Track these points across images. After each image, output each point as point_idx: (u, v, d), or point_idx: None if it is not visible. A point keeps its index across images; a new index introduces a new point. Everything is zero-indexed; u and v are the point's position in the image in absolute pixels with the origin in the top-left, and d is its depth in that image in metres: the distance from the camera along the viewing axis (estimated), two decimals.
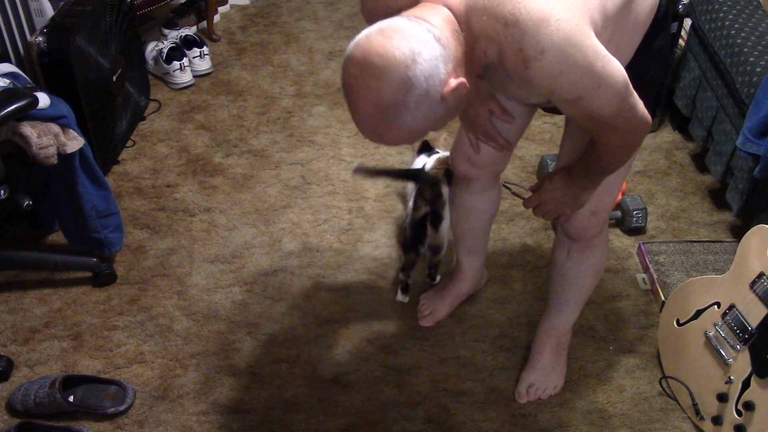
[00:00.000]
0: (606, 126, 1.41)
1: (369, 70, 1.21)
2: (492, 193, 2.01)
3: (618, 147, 1.48)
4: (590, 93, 1.33)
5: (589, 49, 1.28)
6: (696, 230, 2.48)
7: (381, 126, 1.27)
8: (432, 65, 1.22)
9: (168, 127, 2.88)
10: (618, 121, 1.39)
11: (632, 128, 1.44)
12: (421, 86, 1.22)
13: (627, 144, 1.48)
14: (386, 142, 1.32)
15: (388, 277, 2.32)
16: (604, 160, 1.53)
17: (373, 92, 1.22)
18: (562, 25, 1.25)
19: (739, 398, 1.80)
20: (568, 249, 1.85)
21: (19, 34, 2.43)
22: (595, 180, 1.61)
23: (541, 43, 1.25)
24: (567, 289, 1.92)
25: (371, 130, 1.29)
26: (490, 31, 1.28)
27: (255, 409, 1.98)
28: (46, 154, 1.96)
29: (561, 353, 2.03)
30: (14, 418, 1.93)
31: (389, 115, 1.24)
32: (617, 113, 1.38)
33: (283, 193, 2.61)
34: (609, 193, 1.73)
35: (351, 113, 1.29)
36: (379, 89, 1.22)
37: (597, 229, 1.79)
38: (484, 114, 1.78)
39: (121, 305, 2.22)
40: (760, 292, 1.75)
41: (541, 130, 2.85)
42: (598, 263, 1.88)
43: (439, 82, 1.23)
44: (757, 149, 2.15)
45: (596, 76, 1.30)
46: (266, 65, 3.21)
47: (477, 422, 1.95)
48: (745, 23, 2.41)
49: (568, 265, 1.87)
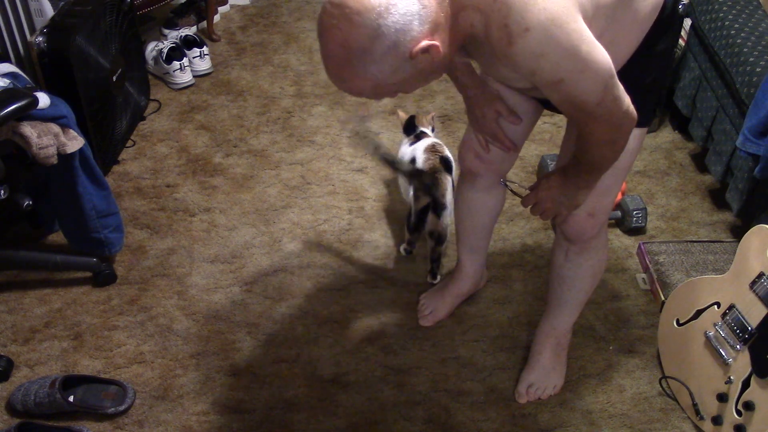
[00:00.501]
0: (589, 115, 1.40)
1: (342, 10, 1.23)
2: (497, 191, 2.01)
3: (601, 139, 1.47)
4: (573, 77, 1.32)
5: (574, 32, 1.28)
6: (696, 230, 2.48)
7: (345, 70, 1.28)
8: (405, 20, 1.23)
9: (168, 127, 2.88)
10: (601, 110, 1.38)
11: (616, 121, 1.42)
12: (389, 37, 1.23)
13: (611, 138, 1.47)
14: (351, 91, 1.32)
15: (388, 277, 2.32)
16: (589, 153, 1.52)
17: (342, 33, 1.24)
18: (549, 5, 1.25)
19: (739, 398, 1.80)
20: (566, 251, 1.84)
21: (19, 34, 2.43)
22: (588, 179, 1.61)
23: (526, 21, 1.25)
24: (566, 290, 1.92)
25: (336, 73, 1.30)
26: (479, 2, 1.28)
27: (255, 409, 1.98)
28: (46, 154, 1.96)
29: (561, 353, 2.03)
30: (14, 418, 1.93)
31: (354, 59, 1.25)
32: (600, 102, 1.37)
33: (283, 193, 2.61)
34: (606, 195, 1.72)
35: (321, 54, 1.30)
36: (347, 31, 1.23)
37: (594, 231, 1.78)
38: (490, 115, 1.78)
39: (121, 305, 2.22)
40: (760, 292, 1.75)
41: (541, 130, 2.85)
42: (597, 265, 1.88)
43: (410, 39, 1.24)
44: (757, 149, 2.14)
45: (580, 59, 1.30)
46: (266, 65, 3.21)
47: (477, 422, 1.95)
48: (745, 23, 2.42)
49: (566, 267, 1.87)
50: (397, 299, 2.26)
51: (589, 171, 1.58)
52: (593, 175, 1.60)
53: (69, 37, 2.30)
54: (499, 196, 2.03)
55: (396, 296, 2.26)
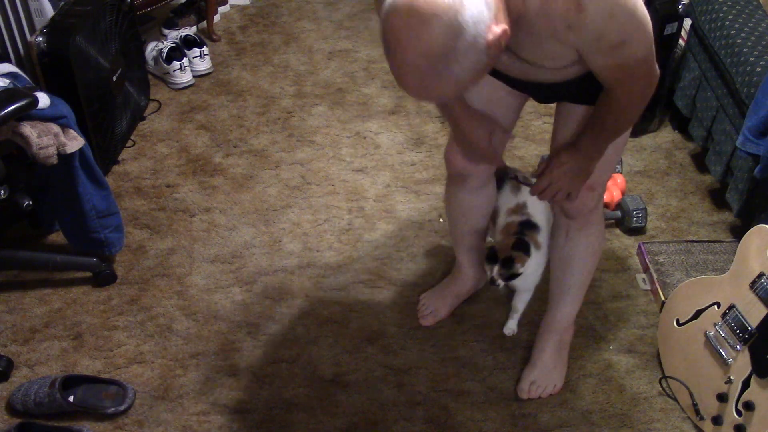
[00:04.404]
0: (632, 75, 1.44)
1: (417, 17, 1.17)
2: (488, 190, 2.01)
3: (635, 97, 1.51)
4: (632, 36, 1.36)
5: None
6: (696, 230, 2.48)
7: (429, 77, 1.22)
8: (479, 9, 1.19)
9: (168, 127, 2.88)
10: (645, 67, 1.43)
11: (652, 77, 1.47)
12: (470, 31, 1.19)
13: (643, 94, 1.51)
14: (431, 98, 1.28)
15: (388, 277, 2.32)
16: (619, 117, 1.56)
17: (422, 41, 1.18)
18: None
19: (739, 398, 1.80)
20: (566, 229, 1.87)
21: (19, 34, 2.43)
22: (603, 146, 1.64)
23: None
24: (568, 273, 1.94)
25: (418, 84, 1.25)
26: None
27: (255, 409, 1.98)
28: (46, 154, 1.96)
29: (562, 351, 2.03)
30: (14, 418, 1.94)
31: (439, 64, 1.21)
32: (645, 58, 1.41)
33: (283, 193, 2.61)
34: (606, 169, 1.76)
35: (394, 70, 1.25)
36: (429, 37, 1.18)
37: (593, 203, 1.81)
38: (484, 137, 1.76)
39: (121, 305, 2.22)
40: (760, 292, 1.75)
41: (541, 130, 2.85)
42: (596, 243, 1.91)
43: (485, 28, 1.20)
44: (757, 149, 2.15)
45: (638, 18, 1.34)
46: (266, 65, 3.21)
47: (477, 422, 1.95)
48: (745, 23, 2.41)
49: (568, 246, 1.89)
50: (397, 299, 2.26)
51: (609, 136, 1.62)
52: (610, 140, 1.63)
53: (69, 37, 2.30)
54: (490, 194, 2.03)
55: (396, 296, 2.26)
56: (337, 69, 3.18)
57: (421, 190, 2.61)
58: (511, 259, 1.92)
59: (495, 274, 1.93)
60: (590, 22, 1.31)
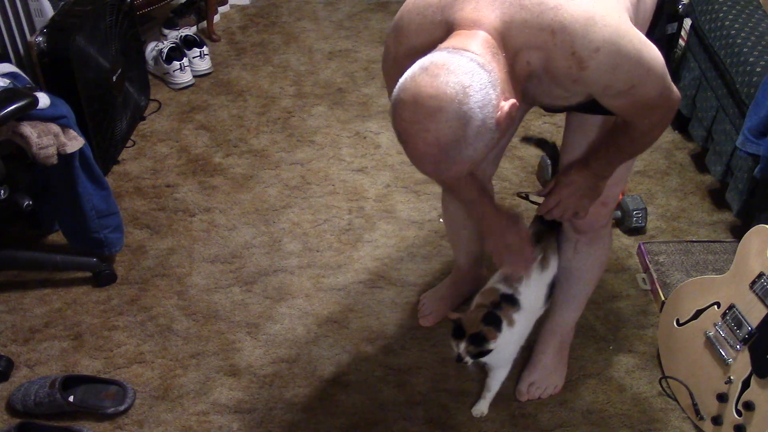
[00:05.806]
0: (648, 108, 1.43)
1: (423, 112, 1.19)
2: None
3: (655, 125, 1.50)
4: (641, 80, 1.35)
5: (634, 37, 1.31)
6: (696, 230, 2.48)
7: (443, 163, 1.24)
8: (483, 94, 1.20)
9: (168, 127, 2.88)
10: (661, 100, 1.42)
11: (670, 105, 1.46)
12: (477, 117, 1.20)
13: (664, 121, 1.51)
14: (450, 177, 1.29)
15: (388, 277, 2.32)
16: (638, 142, 1.55)
17: (431, 134, 1.20)
18: (608, 20, 1.27)
19: (739, 398, 1.80)
20: (575, 244, 1.86)
21: (19, 34, 2.43)
22: (615, 167, 1.63)
23: (594, 42, 1.26)
24: (573, 284, 1.93)
25: (434, 169, 1.26)
26: (535, 42, 1.27)
27: (255, 409, 1.98)
28: (46, 154, 1.96)
29: (563, 352, 2.03)
30: (14, 418, 1.93)
31: (452, 152, 1.22)
32: (660, 94, 1.40)
33: (283, 193, 2.61)
34: (617, 184, 1.75)
35: (409, 155, 1.26)
36: (437, 129, 1.19)
37: (605, 220, 1.81)
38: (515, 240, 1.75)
39: (121, 305, 2.22)
40: (760, 292, 1.75)
41: (541, 131, 2.85)
42: (604, 256, 1.91)
43: (492, 109, 1.22)
44: (757, 149, 2.15)
45: (645, 62, 1.33)
46: (266, 65, 3.21)
47: (477, 422, 1.95)
48: (745, 23, 2.41)
49: (575, 259, 1.88)
50: (397, 299, 2.26)
51: (624, 158, 1.61)
52: (624, 161, 1.62)
53: (69, 37, 2.30)
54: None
55: (396, 296, 2.26)
56: (337, 69, 3.18)
57: (421, 190, 2.61)
58: (480, 335, 1.74)
59: (462, 351, 1.74)
60: (595, 77, 1.31)
